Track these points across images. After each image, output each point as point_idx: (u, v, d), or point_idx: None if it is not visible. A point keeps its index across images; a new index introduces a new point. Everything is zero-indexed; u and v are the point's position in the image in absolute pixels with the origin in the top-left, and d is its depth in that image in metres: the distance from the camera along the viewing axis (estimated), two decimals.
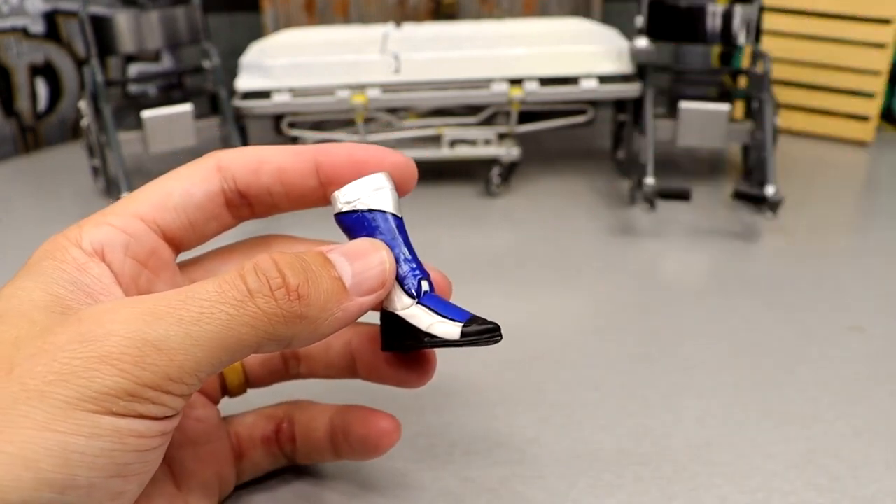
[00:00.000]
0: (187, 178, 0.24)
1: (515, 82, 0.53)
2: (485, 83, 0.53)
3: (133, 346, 0.18)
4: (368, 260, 0.22)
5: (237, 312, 0.19)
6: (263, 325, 0.20)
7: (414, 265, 0.24)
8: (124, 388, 0.18)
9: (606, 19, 0.70)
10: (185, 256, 0.26)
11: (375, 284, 0.22)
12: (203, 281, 0.20)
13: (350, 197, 0.24)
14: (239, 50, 0.60)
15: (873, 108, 0.63)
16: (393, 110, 0.57)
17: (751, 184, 0.54)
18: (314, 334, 0.21)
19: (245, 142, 0.56)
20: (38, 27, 0.64)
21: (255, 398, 0.29)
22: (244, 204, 0.25)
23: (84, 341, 0.18)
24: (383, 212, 0.24)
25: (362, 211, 0.24)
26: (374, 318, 0.25)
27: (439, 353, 0.37)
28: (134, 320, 0.19)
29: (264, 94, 0.54)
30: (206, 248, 0.27)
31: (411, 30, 0.59)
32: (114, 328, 0.19)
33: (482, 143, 0.56)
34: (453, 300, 0.26)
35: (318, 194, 0.26)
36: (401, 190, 0.25)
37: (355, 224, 0.24)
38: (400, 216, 0.24)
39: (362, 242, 0.22)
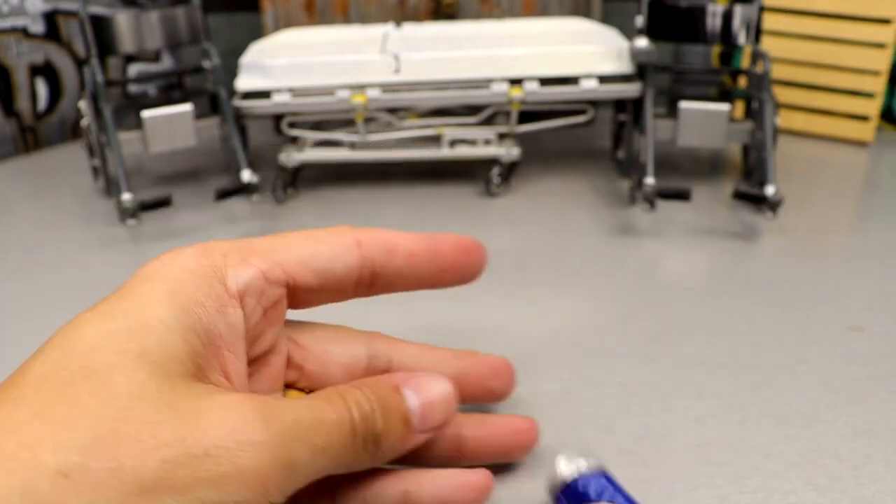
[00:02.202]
0: (333, 246, 0.25)
1: (515, 82, 0.53)
2: (485, 83, 0.53)
3: (273, 468, 0.19)
4: (436, 394, 0.23)
5: (339, 443, 0.20)
6: (347, 461, 0.21)
7: None
8: None
9: (606, 19, 0.70)
10: None
11: (440, 420, 0.23)
12: (322, 402, 0.21)
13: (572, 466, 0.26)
14: (239, 50, 0.60)
15: (873, 108, 0.63)
16: (393, 110, 0.57)
17: (751, 184, 0.54)
18: (370, 466, 0.22)
19: (245, 142, 0.56)
20: (38, 27, 0.64)
21: None
22: (368, 283, 0.26)
23: (240, 442, 0.18)
24: (603, 470, 0.26)
25: (588, 475, 0.25)
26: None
27: (438, 345, 0.37)
28: (282, 439, 0.19)
29: (264, 94, 0.54)
30: None
31: (411, 30, 0.59)
32: (264, 441, 0.19)
33: (482, 143, 0.56)
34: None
35: (433, 281, 0.27)
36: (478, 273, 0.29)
37: (588, 484, 0.25)
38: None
39: (431, 378, 0.23)
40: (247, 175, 0.51)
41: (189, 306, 0.21)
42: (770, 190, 0.47)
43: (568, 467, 0.25)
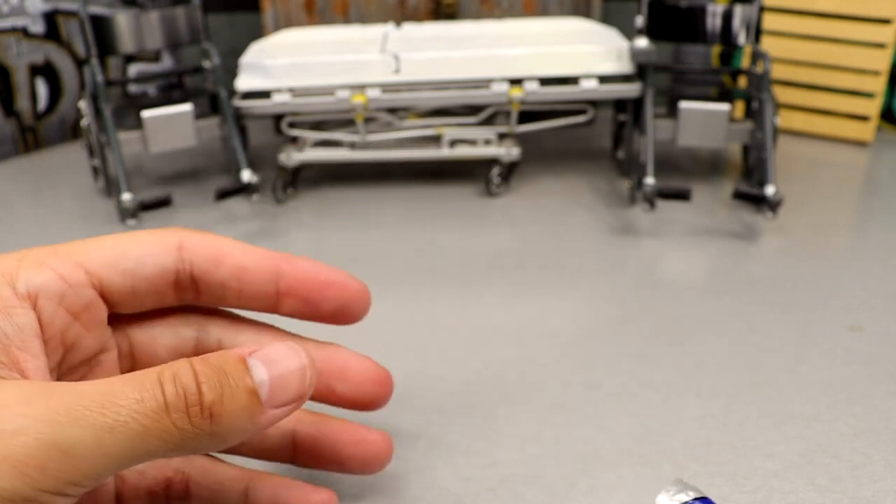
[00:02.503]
0: (145, 246, 0.24)
1: (515, 82, 0.53)
2: (485, 83, 0.53)
3: (41, 451, 0.18)
4: (288, 366, 0.21)
5: (152, 425, 0.19)
6: (174, 440, 0.19)
7: None
8: (21, 494, 0.17)
9: (606, 19, 0.70)
10: None
11: (293, 396, 0.21)
12: (124, 381, 0.19)
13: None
14: (239, 50, 0.60)
15: (873, 108, 0.63)
16: (393, 110, 0.57)
17: (751, 184, 0.54)
18: (220, 447, 0.20)
19: (245, 142, 0.56)
20: (38, 27, 0.64)
21: None
22: (192, 289, 0.25)
23: None
24: (705, 498, 0.25)
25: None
26: (314, 405, 0.25)
27: (438, 345, 0.37)
28: (48, 421, 0.18)
29: (264, 94, 0.54)
30: None
31: (411, 30, 0.59)
32: (24, 426, 0.18)
33: (482, 143, 0.56)
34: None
35: (270, 301, 0.25)
36: (358, 314, 0.26)
37: None
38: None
39: (283, 348, 0.21)
40: (247, 175, 0.51)
41: None
42: (770, 190, 0.47)
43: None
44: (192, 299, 0.25)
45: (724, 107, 0.51)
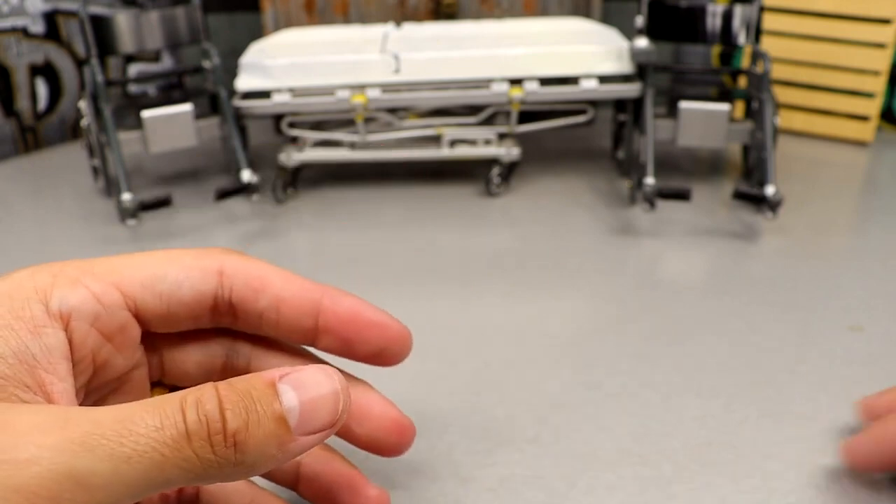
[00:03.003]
0: (185, 269, 0.23)
1: (515, 82, 0.53)
2: (485, 83, 0.53)
3: (55, 481, 0.17)
4: (320, 391, 0.20)
5: (171, 455, 0.18)
6: (195, 470, 0.18)
7: None
8: None
9: (606, 19, 0.70)
10: None
11: (325, 423, 0.20)
12: (144, 407, 0.19)
13: None
14: (239, 50, 0.60)
15: (873, 108, 0.63)
16: (393, 110, 0.57)
17: (751, 184, 0.54)
18: (247, 475, 0.20)
19: (245, 142, 0.56)
20: (38, 27, 0.64)
21: None
22: (229, 314, 0.24)
23: (1, 461, 0.17)
24: None
25: None
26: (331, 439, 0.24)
27: (438, 345, 0.37)
28: (62, 451, 0.17)
29: (264, 94, 0.54)
30: None
31: (411, 30, 0.59)
32: (38, 455, 0.17)
33: (482, 143, 0.56)
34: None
35: (308, 336, 0.24)
36: (396, 357, 0.25)
37: None
38: None
39: (316, 371, 0.20)
40: (247, 175, 0.51)
41: None
42: (770, 190, 0.47)
43: None
44: (229, 324, 0.25)
45: (724, 107, 0.51)
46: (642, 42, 0.53)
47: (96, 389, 0.23)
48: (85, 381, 0.23)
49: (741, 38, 0.52)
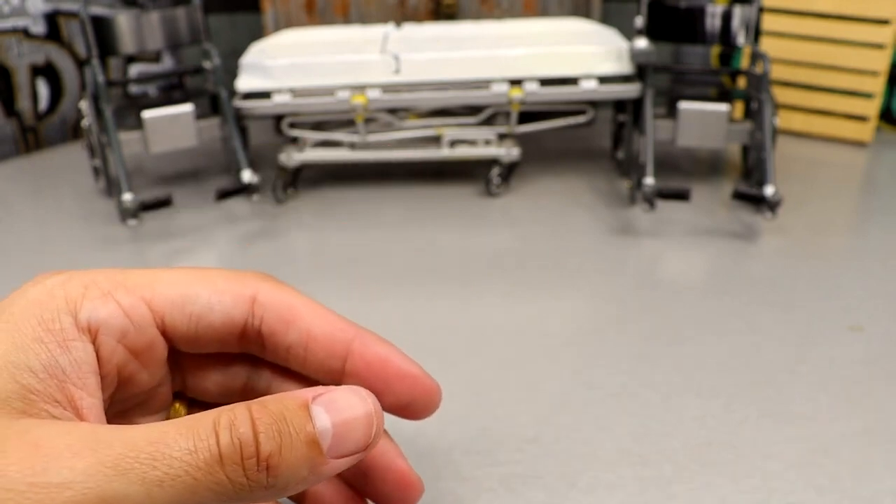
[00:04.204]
0: (218, 293, 0.23)
1: (515, 82, 0.54)
2: (485, 83, 0.53)
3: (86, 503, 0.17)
4: (353, 413, 0.20)
5: (203, 478, 0.18)
6: (227, 493, 0.18)
7: None
8: None
9: (606, 19, 0.70)
10: None
11: (358, 445, 0.20)
12: (178, 428, 0.18)
13: None
14: (239, 50, 0.60)
15: (872, 108, 0.63)
16: (393, 111, 0.57)
17: (750, 184, 0.54)
18: (278, 497, 0.19)
19: (246, 143, 0.56)
20: (39, 28, 0.64)
21: None
22: (257, 344, 0.24)
23: (34, 484, 0.17)
24: None
25: None
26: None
27: (438, 345, 0.37)
28: (94, 474, 0.17)
29: (265, 95, 0.54)
30: None
31: (411, 30, 0.59)
32: (72, 479, 0.17)
33: (482, 144, 0.56)
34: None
35: (335, 377, 0.24)
36: (423, 412, 0.25)
37: None
38: None
39: (348, 393, 0.20)
40: (247, 175, 0.51)
41: (25, 343, 0.20)
42: (769, 190, 0.47)
43: None
44: (255, 352, 0.24)
45: (723, 107, 0.51)
46: (642, 42, 0.53)
47: (119, 402, 0.23)
48: (110, 394, 0.22)
49: (740, 39, 0.52)
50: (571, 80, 0.54)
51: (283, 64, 0.53)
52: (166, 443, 0.18)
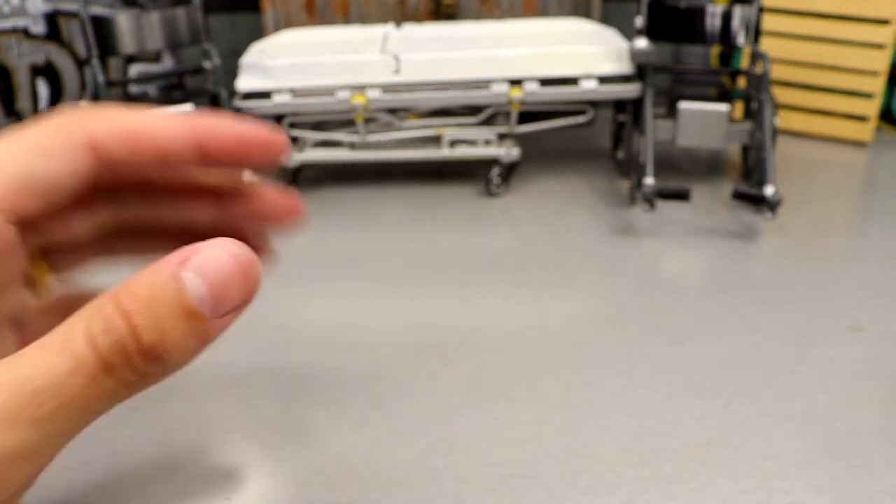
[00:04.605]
0: (55, 156, 0.20)
1: (515, 83, 0.54)
2: (485, 83, 0.53)
3: None
4: (227, 271, 0.18)
5: (95, 392, 0.17)
6: (122, 393, 0.17)
7: None
8: None
9: (606, 19, 0.70)
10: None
11: (238, 300, 0.19)
12: (47, 351, 0.17)
13: None
14: (239, 50, 0.60)
15: (872, 108, 0.63)
16: (393, 111, 0.57)
17: (750, 184, 0.54)
18: (173, 371, 0.19)
19: None
20: (39, 28, 0.64)
21: None
22: (115, 190, 0.22)
23: None
24: None
25: None
26: None
27: (438, 345, 0.37)
28: None
29: (265, 95, 0.54)
30: None
31: (411, 30, 0.59)
32: None
33: (482, 144, 0.56)
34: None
35: (193, 168, 0.23)
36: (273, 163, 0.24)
37: None
38: None
39: (216, 250, 0.18)
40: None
41: None
42: (769, 190, 0.47)
43: None
44: (112, 185, 0.23)
45: (723, 107, 0.51)
46: (642, 42, 0.53)
47: None
48: None
49: (740, 39, 0.52)
50: (571, 80, 0.54)
51: (283, 64, 0.53)
52: (43, 373, 0.17)
